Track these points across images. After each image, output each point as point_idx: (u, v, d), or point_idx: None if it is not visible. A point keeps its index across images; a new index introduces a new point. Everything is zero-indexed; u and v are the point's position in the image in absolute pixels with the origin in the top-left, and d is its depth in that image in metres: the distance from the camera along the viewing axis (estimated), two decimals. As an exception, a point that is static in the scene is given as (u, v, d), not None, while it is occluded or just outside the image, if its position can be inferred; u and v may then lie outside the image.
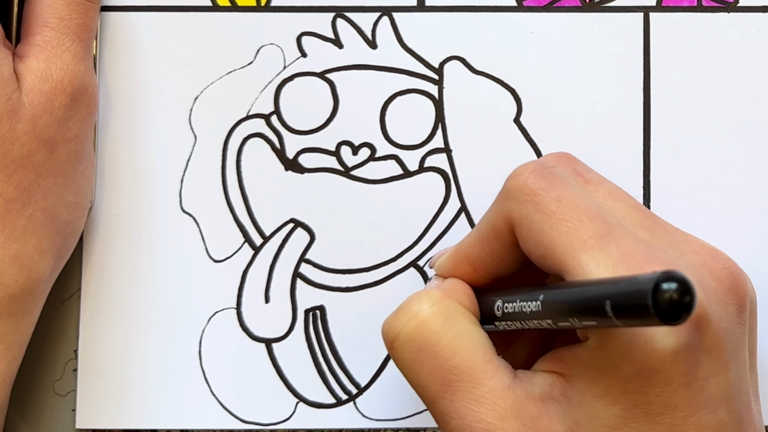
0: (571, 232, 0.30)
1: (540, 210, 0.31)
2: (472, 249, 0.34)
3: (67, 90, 0.36)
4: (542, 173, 0.32)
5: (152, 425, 0.39)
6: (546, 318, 0.30)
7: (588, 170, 0.35)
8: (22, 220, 0.35)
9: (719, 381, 0.30)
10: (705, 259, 0.32)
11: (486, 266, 0.34)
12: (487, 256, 0.34)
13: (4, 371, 0.35)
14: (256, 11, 0.40)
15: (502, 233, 0.33)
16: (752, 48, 0.40)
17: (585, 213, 0.31)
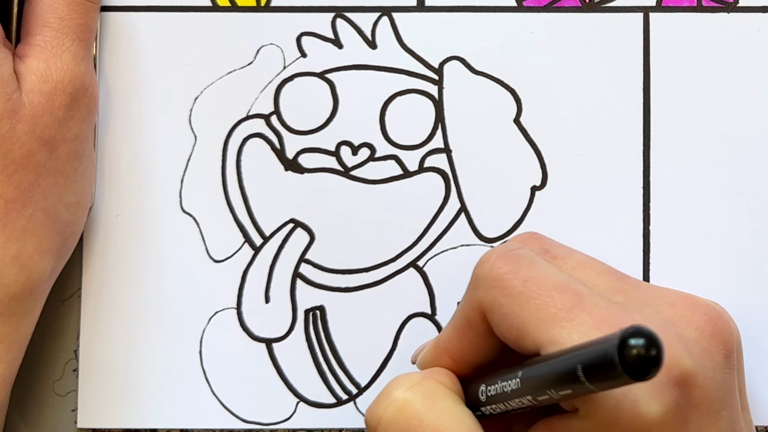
0: (541, 309, 0.30)
1: (508, 293, 0.31)
2: (450, 342, 0.34)
3: (67, 90, 0.36)
4: (507, 257, 0.32)
5: (153, 425, 0.39)
6: (526, 395, 0.30)
7: (555, 245, 0.35)
8: (23, 220, 0.35)
9: None
10: (682, 312, 0.32)
11: (465, 357, 0.34)
12: (465, 347, 0.34)
13: (4, 371, 0.35)
14: (256, 11, 0.40)
15: (476, 323, 0.33)
16: (752, 48, 0.40)
17: (553, 287, 0.31)
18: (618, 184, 0.39)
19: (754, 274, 0.39)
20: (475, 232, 0.40)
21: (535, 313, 0.30)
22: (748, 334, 0.39)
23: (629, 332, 0.24)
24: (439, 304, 0.39)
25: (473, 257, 0.39)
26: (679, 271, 0.39)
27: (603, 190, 0.39)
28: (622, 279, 0.33)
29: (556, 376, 0.28)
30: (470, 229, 0.40)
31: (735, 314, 0.38)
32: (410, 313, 0.39)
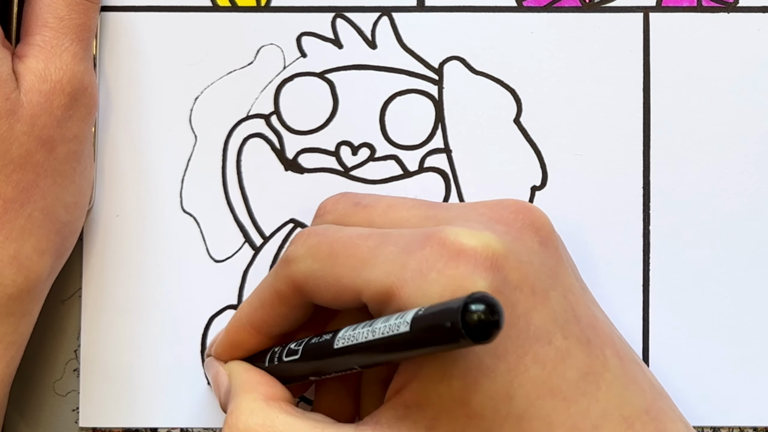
0: (350, 259, 0.32)
1: (319, 258, 0.33)
2: (255, 314, 0.35)
3: (66, 90, 0.36)
4: (315, 232, 0.34)
5: (153, 424, 0.39)
6: (354, 363, 0.31)
7: (365, 196, 0.36)
8: (21, 220, 0.35)
9: (542, 313, 0.31)
10: (490, 214, 0.33)
11: (271, 328, 0.35)
12: (271, 318, 0.35)
13: (3, 371, 0.35)
14: (256, 11, 0.40)
15: (287, 296, 0.34)
16: (752, 48, 0.40)
17: (357, 238, 0.32)
18: (618, 184, 0.39)
19: (754, 274, 0.39)
20: (475, 232, 0.40)
21: (345, 265, 0.32)
22: (747, 334, 0.39)
23: (472, 298, 0.25)
24: (439, 304, 0.39)
25: (473, 257, 0.39)
26: (680, 270, 0.39)
27: (603, 190, 0.39)
28: (432, 207, 0.35)
29: (390, 342, 0.28)
30: (470, 229, 0.40)
31: (735, 314, 0.39)
32: (410, 313, 0.39)
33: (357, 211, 0.35)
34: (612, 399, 0.31)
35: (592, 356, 0.31)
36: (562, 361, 0.30)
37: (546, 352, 0.30)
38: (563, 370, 0.30)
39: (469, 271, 0.30)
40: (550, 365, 0.30)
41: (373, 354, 0.30)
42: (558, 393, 0.30)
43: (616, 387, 0.31)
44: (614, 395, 0.31)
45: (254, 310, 0.35)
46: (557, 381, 0.30)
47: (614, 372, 0.32)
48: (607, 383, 0.31)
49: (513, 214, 0.33)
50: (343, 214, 0.36)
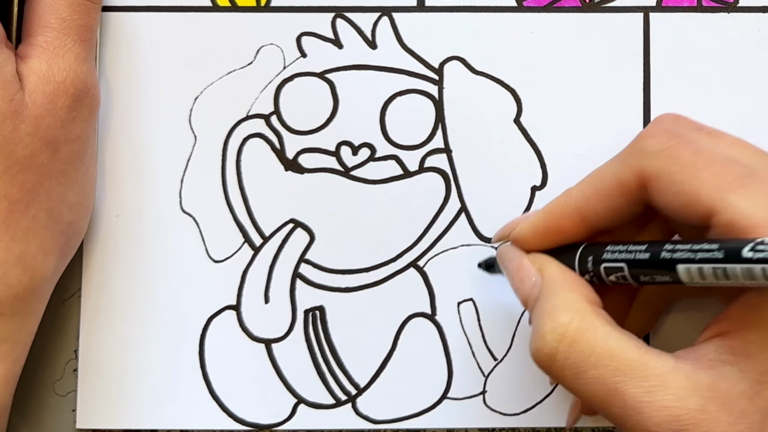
0: (715, 177, 0.31)
1: (678, 162, 0.32)
2: (587, 202, 0.34)
3: (69, 91, 0.36)
4: (673, 132, 0.33)
5: (152, 425, 0.39)
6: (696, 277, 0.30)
7: (706, 126, 0.35)
8: (26, 221, 0.35)
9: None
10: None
11: (599, 219, 0.34)
12: (603, 210, 0.34)
13: (8, 370, 0.35)
14: (256, 11, 0.40)
15: (629, 189, 0.33)
16: (752, 48, 0.40)
17: (723, 159, 0.31)
18: (618, 184, 0.39)
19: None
20: (475, 232, 0.40)
21: (709, 180, 0.31)
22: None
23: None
24: (439, 304, 0.39)
25: (473, 257, 0.39)
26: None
27: (603, 190, 0.39)
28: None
29: (753, 270, 0.28)
30: (470, 229, 0.40)
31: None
32: (410, 313, 0.39)
33: (701, 136, 0.34)
34: None
35: None
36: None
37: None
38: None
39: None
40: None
41: (729, 279, 0.29)
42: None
43: None
44: None
45: (587, 197, 0.34)
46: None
47: None
48: None
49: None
50: (687, 133, 0.34)
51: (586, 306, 0.32)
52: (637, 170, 0.33)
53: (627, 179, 0.33)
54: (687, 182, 0.31)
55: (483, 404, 0.39)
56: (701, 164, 0.31)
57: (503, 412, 0.39)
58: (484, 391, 0.39)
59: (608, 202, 0.34)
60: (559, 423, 0.39)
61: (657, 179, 0.32)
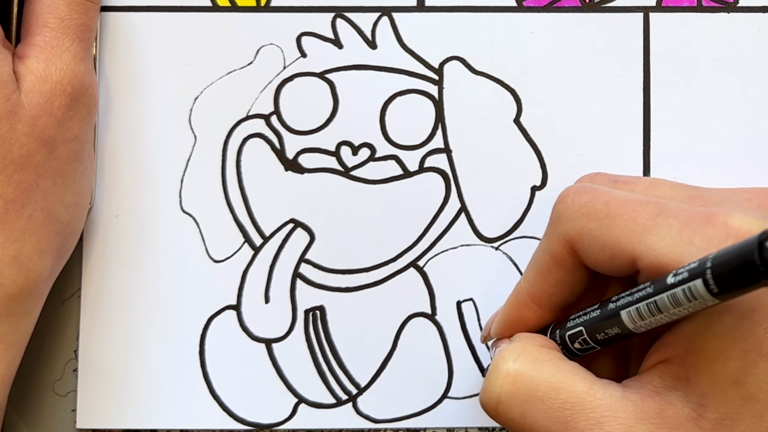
0: (628, 223, 0.31)
1: (594, 218, 0.32)
2: (534, 286, 0.35)
3: (66, 90, 0.36)
4: (584, 189, 0.33)
5: (152, 425, 0.39)
6: (637, 322, 0.31)
7: (623, 176, 0.36)
8: (22, 221, 0.35)
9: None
10: (758, 201, 0.33)
11: (551, 298, 0.35)
12: (550, 287, 0.34)
13: (3, 372, 0.35)
14: (256, 11, 0.40)
15: (563, 258, 0.34)
16: (752, 48, 0.40)
17: (635, 203, 0.32)
18: (618, 184, 0.39)
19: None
20: (475, 232, 0.40)
21: (624, 228, 0.31)
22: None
23: (766, 235, 0.25)
24: (439, 304, 0.39)
25: (473, 257, 0.39)
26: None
27: (603, 190, 0.39)
28: (695, 188, 0.35)
29: (676, 295, 0.28)
30: (470, 229, 0.40)
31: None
32: (410, 313, 0.39)
33: (617, 188, 0.35)
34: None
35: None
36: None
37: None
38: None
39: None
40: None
41: (662, 312, 0.29)
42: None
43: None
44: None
45: (532, 282, 0.35)
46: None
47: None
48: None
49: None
50: (598, 187, 0.35)
51: (532, 348, 0.33)
52: (561, 238, 0.33)
53: (557, 250, 0.34)
54: (605, 235, 0.32)
55: (483, 404, 0.39)
56: (614, 213, 0.32)
57: (503, 411, 0.39)
58: (485, 390, 0.39)
59: (551, 278, 0.34)
60: (559, 423, 0.39)
61: (579, 240, 0.33)
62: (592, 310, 0.33)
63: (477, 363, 0.39)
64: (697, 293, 0.28)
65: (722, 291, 0.27)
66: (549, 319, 0.35)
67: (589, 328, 0.33)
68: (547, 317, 0.35)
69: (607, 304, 0.32)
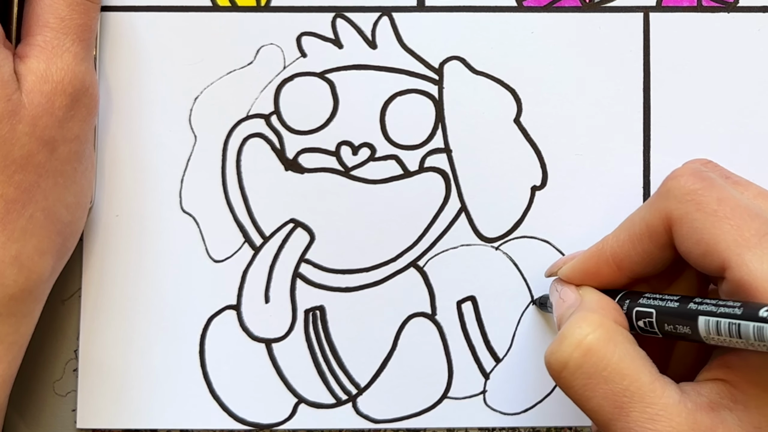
0: (734, 230, 0.31)
1: (701, 209, 0.32)
2: (621, 248, 0.35)
3: (67, 90, 0.36)
4: (700, 175, 0.33)
5: (152, 425, 0.39)
6: (715, 336, 0.30)
7: (734, 174, 0.36)
8: (22, 221, 0.35)
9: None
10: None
11: (633, 266, 0.35)
12: (637, 255, 0.34)
13: (4, 372, 0.35)
14: (256, 11, 0.40)
15: (657, 233, 0.33)
16: (752, 48, 0.40)
17: (745, 212, 0.31)
18: (618, 184, 0.39)
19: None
20: (475, 232, 0.40)
21: (728, 233, 0.31)
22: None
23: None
24: (439, 304, 0.39)
25: (473, 257, 0.39)
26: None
27: (603, 190, 0.39)
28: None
29: (763, 330, 0.28)
30: (470, 229, 0.40)
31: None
32: (410, 313, 0.39)
33: (728, 183, 0.34)
34: None
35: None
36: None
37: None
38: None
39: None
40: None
41: (741, 338, 0.29)
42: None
43: None
44: None
45: (620, 243, 0.35)
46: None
47: None
48: None
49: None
50: (713, 178, 0.34)
51: (609, 323, 0.33)
52: (663, 214, 0.33)
53: (655, 223, 0.34)
54: (707, 231, 0.32)
55: (483, 404, 0.39)
56: (723, 214, 0.32)
57: (503, 411, 0.39)
58: (484, 390, 0.39)
59: (640, 247, 0.34)
60: (560, 423, 0.39)
61: (680, 224, 0.33)
62: (670, 300, 0.33)
63: (477, 363, 0.39)
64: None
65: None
66: (622, 284, 0.35)
67: (660, 316, 0.33)
68: (621, 281, 0.35)
69: (688, 302, 0.32)
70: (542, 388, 0.39)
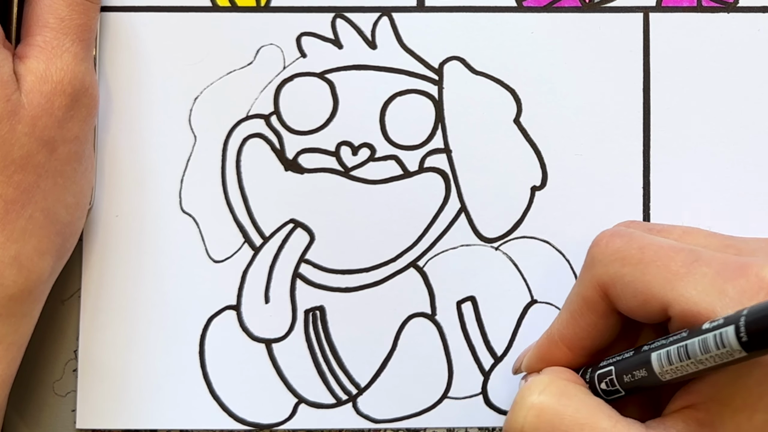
0: (662, 269, 0.31)
1: (627, 263, 0.32)
2: (566, 329, 0.35)
3: (67, 91, 0.36)
4: (618, 234, 0.34)
5: (152, 425, 0.39)
6: (665, 374, 0.31)
7: (658, 224, 0.36)
8: (22, 221, 0.35)
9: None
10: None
11: (582, 342, 0.35)
12: (582, 331, 0.35)
13: (4, 372, 0.35)
14: (256, 11, 0.40)
15: (595, 302, 0.34)
16: (752, 48, 0.40)
17: (670, 250, 0.32)
18: (618, 184, 0.39)
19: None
20: (475, 232, 0.40)
21: (657, 275, 0.31)
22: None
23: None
24: (439, 304, 0.39)
25: (473, 257, 0.39)
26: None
27: (603, 190, 0.39)
28: (729, 237, 0.35)
29: (707, 341, 0.29)
30: (470, 229, 0.40)
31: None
32: (410, 313, 0.39)
33: (650, 233, 0.35)
34: None
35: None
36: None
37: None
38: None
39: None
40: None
41: (689, 358, 0.30)
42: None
43: None
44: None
45: (564, 324, 0.35)
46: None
47: None
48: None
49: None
50: (633, 232, 0.35)
51: (560, 381, 0.33)
52: (594, 282, 0.34)
53: (589, 294, 0.34)
54: (639, 280, 0.32)
55: (483, 404, 0.39)
56: (648, 259, 0.32)
57: (503, 411, 0.39)
58: (484, 390, 0.39)
59: (583, 322, 0.34)
60: (559, 423, 0.39)
61: (613, 285, 0.33)
62: (626, 353, 0.33)
63: (477, 363, 0.39)
64: (727, 341, 0.28)
65: (753, 344, 0.27)
66: (579, 363, 0.35)
67: (618, 369, 0.33)
68: (577, 360, 0.35)
69: (641, 348, 0.32)
70: (542, 388, 0.39)
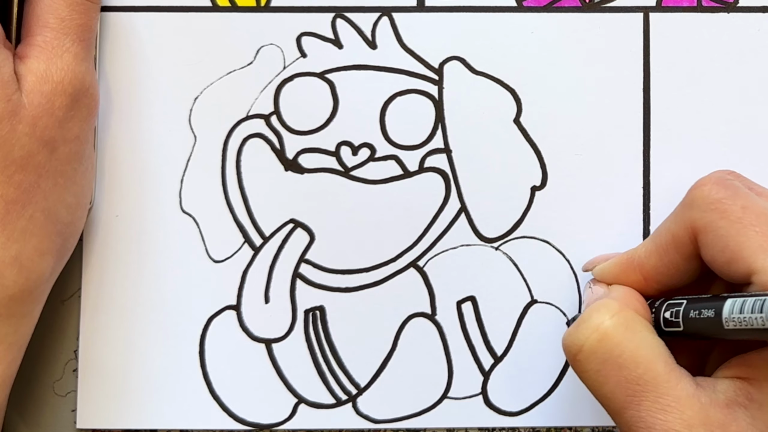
0: (759, 236, 0.31)
1: (726, 217, 0.32)
2: (648, 259, 0.35)
3: (67, 90, 0.36)
4: (724, 184, 0.33)
5: (152, 425, 0.39)
6: (737, 326, 0.30)
7: (757, 185, 0.36)
8: (22, 221, 0.35)
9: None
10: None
11: (659, 276, 0.35)
12: (663, 266, 0.35)
13: (4, 372, 0.35)
14: (256, 11, 0.40)
15: (683, 243, 0.34)
16: (752, 48, 0.40)
17: (761, 213, 0.32)
18: (618, 184, 0.39)
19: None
20: (475, 232, 0.40)
21: (753, 239, 0.31)
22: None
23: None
24: (439, 304, 0.39)
25: (473, 257, 0.39)
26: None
27: (603, 190, 0.39)
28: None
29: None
30: (470, 229, 0.40)
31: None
32: (410, 313, 0.39)
33: (751, 193, 0.34)
34: None
35: None
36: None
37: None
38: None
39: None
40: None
41: (762, 323, 0.29)
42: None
43: None
44: None
45: (648, 253, 0.35)
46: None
47: None
48: None
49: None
50: (737, 187, 0.34)
51: (629, 311, 0.33)
52: (688, 224, 0.33)
53: (680, 233, 0.34)
54: (732, 238, 0.32)
55: (483, 404, 0.39)
56: (748, 221, 0.32)
57: (503, 411, 0.39)
58: (484, 390, 0.39)
59: (666, 257, 0.34)
60: (559, 423, 0.39)
61: (705, 233, 0.33)
62: (702, 296, 0.33)
63: (477, 363, 0.39)
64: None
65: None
66: (648, 292, 0.35)
67: (690, 304, 0.33)
68: (649, 291, 0.35)
69: (719, 294, 0.32)
70: (542, 388, 0.39)
